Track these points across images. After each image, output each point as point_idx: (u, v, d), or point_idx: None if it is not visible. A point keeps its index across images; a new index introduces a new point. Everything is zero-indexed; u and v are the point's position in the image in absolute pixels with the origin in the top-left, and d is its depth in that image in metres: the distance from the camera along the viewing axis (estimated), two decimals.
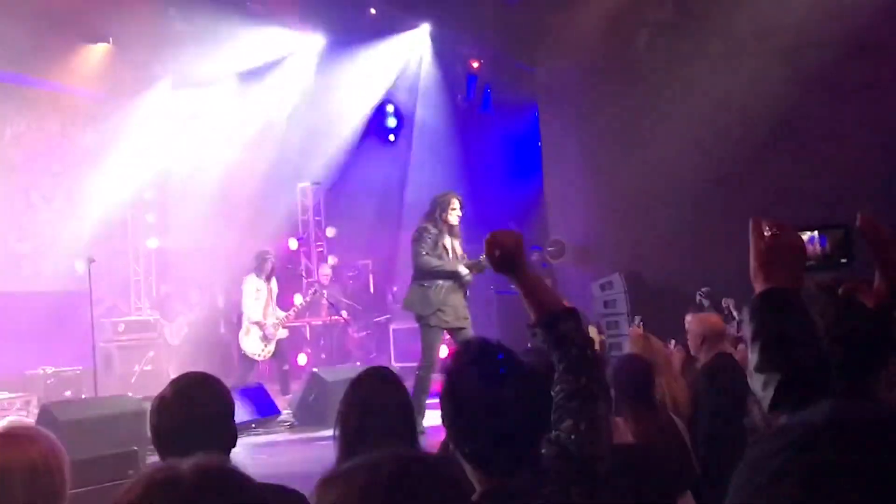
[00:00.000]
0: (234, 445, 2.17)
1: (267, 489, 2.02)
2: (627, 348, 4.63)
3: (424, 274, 7.02)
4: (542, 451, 1.81)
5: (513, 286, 2.11)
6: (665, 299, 9.87)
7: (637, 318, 8.99)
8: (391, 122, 13.77)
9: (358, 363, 9.90)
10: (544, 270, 11.70)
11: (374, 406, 2.30)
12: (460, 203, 7.21)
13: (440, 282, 6.96)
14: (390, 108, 13.67)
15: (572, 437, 1.80)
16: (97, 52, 11.42)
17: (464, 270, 7.06)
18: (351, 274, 12.85)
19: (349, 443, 2.20)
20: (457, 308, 7.00)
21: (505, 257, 2.11)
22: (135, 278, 12.50)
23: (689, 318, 5.07)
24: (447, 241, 7.12)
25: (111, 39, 11.21)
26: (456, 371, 1.84)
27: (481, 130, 13.08)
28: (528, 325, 2.10)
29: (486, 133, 13.13)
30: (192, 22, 10.73)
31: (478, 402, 1.76)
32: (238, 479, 1.21)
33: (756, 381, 1.53)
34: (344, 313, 11.37)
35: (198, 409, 2.10)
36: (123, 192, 12.22)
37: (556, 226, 12.55)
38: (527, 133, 13.39)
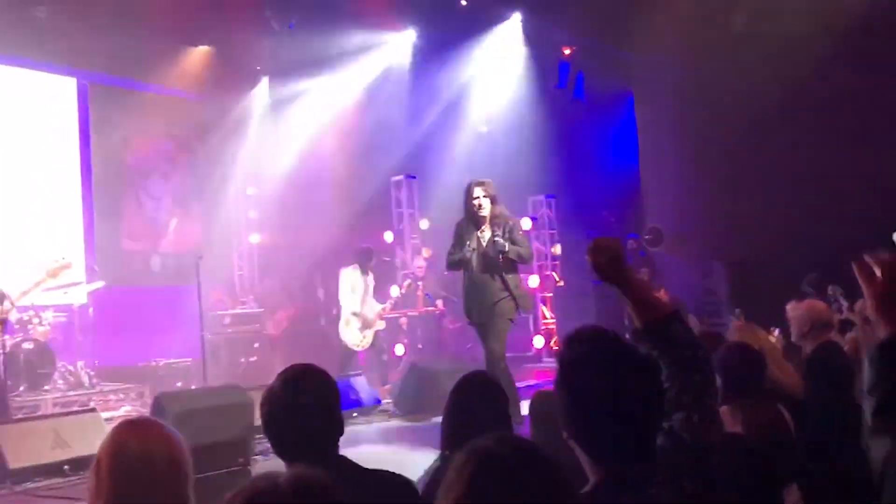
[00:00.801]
0: (341, 434, 2.22)
1: (376, 475, 2.08)
2: (729, 337, 4.53)
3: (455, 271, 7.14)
4: (657, 441, 1.79)
5: (617, 293, 2.07)
6: (765, 287, 9.59)
7: (738, 311, 8.76)
8: (482, 112, 13.78)
9: (454, 353, 9.98)
10: (641, 259, 11.53)
11: (474, 416, 2.33)
12: (483, 190, 6.76)
13: (464, 275, 6.90)
14: (481, 98, 13.68)
15: (686, 428, 1.78)
16: (199, 55, 11.84)
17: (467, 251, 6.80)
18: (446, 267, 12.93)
19: (452, 451, 2.23)
20: (480, 303, 6.76)
21: (611, 264, 2.08)
22: (238, 273, 12.93)
23: (791, 305, 4.91)
24: (473, 232, 6.81)
25: (212, 42, 11.58)
26: (571, 359, 1.81)
27: (574, 118, 12.95)
28: (634, 332, 2.06)
29: (579, 121, 13.00)
30: (288, 21, 10.98)
31: (594, 391, 1.74)
32: (332, 491, 1.26)
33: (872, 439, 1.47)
34: (439, 303, 11.48)
35: (306, 400, 2.17)
36: (226, 190, 12.66)
37: (652, 213, 12.34)
38: (621, 119, 13.19)
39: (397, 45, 12.52)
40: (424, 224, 12.48)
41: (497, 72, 12.84)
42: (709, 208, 11.38)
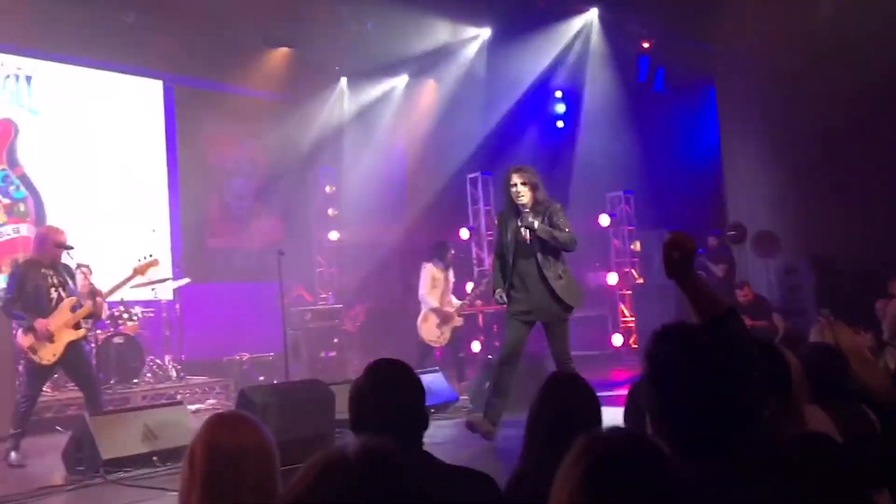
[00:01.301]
0: (426, 428, 2.24)
1: (456, 471, 2.09)
2: (814, 336, 4.39)
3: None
4: (740, 437, 1.77)
5: (681, 289, 2.11)
6: (853, 286, 9.28)
7: (824, 310, 8.49)
8: (560, 108, 13.70)
9: (531, 351, 9.93)
10: (723, 256, 11.28)
11: (563, 418, 2.31)
12: (521, 176, 6.30)
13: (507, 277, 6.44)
14: (558, 94, 13.61)
15: (762, 425, 1.76)
16: (279, 57, 12.08)
17: (498, 293, 6.41)
18: None
19: (539, 452, 2.21)
20: (528, 300, 6.25)
21: (684, 261, 2.11)
22: (318, 269, 13.16)
23: (881, 303, 4.74)
24: (511, 225, 6.32)
25: (292, 44, 11.80)
26: (659, 354, 1.81)
27: (654, 111, 12.74)
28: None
29: (658, 114, 12.78)
30: (366, 21, 11.10)
31: (682, 388, 1.74)
32: (399, 461, 1.28)
33: None
34: None
35: (392, 395, 2.18)
36: (306, 188, 12.89)
37: (735, 209, 12.05)
38: (702, 113, 12.92)
39: (473, 43, 12.54)
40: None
41: (574, 67, 12.73)
42: (794, 204, 11.05)
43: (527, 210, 6.21)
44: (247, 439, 1.95)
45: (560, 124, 13.63)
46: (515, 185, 6.24)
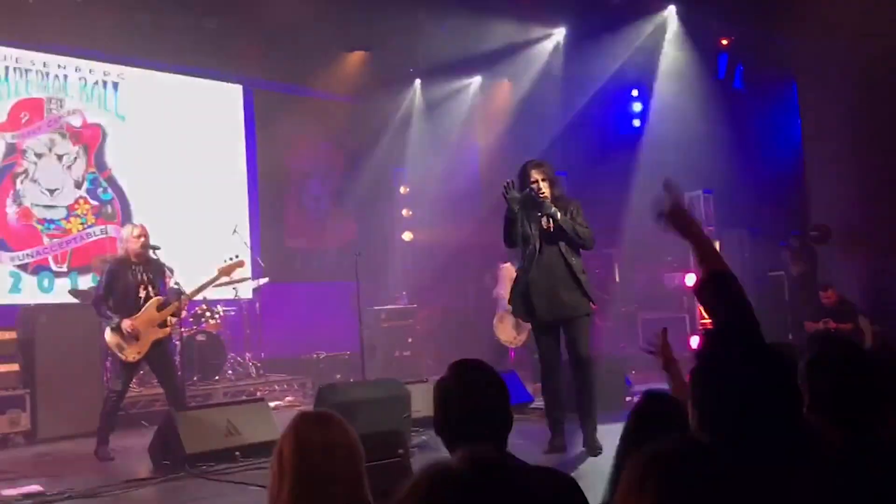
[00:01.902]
0: (510, 429, 2.24)
1: (538, 472, 2.09)
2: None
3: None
4: (789, 437, 1.75)
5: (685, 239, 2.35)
6: None
7: None
8: (636, 107, 13.51)
9: (606, 352, 9.85)
10: (804, 255, 10.96)
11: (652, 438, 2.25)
12: (541, 172, 6.12)
13: (523, 270, 6.22)
14: (635, 93, 13.42)
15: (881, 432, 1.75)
16: (355, 59, 12.24)
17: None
18: (596, 262, 12.78)
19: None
20: (548, 298, 6.03)
21: (674, 212, 2.38)
22: (392, 269, 13.27)
23: None
24: (537, 220, 6.09)
25: (367, 46, 11.94)
26: (709, 355, 1.81)
27: (734, 109, 12.44)
28: (695, 285, 2.36)
29: (738, 112, 12.48)
30: (441, 23, 11.15)
31: (733, 387, 1.73)
32: (509, 468, 1.26)
33: None
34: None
35: (478, 395, 2.19)
36: (381, 189, 13.03)
37: (818, 208, 11.69)
38: (784, 110, 12.58)
39: (548, 42, 12.47)
40: None
41: (651, 65, 12.54)
42: (882, 203, 10.66)
43: (547, 201, 6.05)
44: (335, 436, 2.00)
45: (636, 123, 13.44)
46: (536, 181, 6.08)
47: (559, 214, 5.99)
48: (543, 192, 6.03)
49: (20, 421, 7.68)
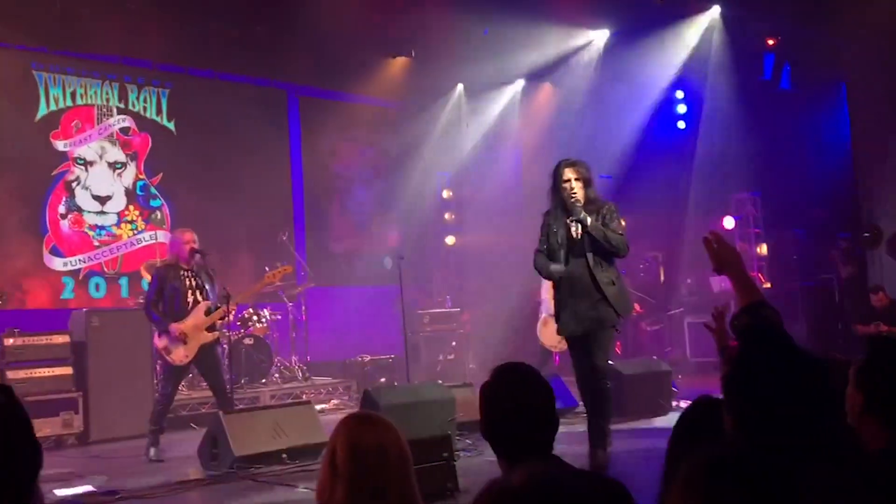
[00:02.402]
0: (555, 434, 2.24)
1: (586, 477, 2.08)
2: None
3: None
4: (824, 441, 1.73)
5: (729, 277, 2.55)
6: None
7: None
8: (680, 109, 13.40)
9: (653, 357, 9.77)
10: (853, 258, 10.76)
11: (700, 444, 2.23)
12: (575, 171, 5.80)
13: (555, 284, 5.88)
14: (679, 94, 13.31)
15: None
16: (398, 65, 12.31)
17: (556, 268, 5.75)
18: (642, 266, 12.70)
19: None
20: (575, 310, 5.73)
21: (724, 252, 2.57)
22: (435, 273, 13.32)
23: None
24: (560, 226, 5.79)
25: (410, 52, 12.01)
26: (741, 359, 1.82)
27: (781, 110, 12.28)
28: (734, 316, 2.41)
29: (786, 112, 12.31)
30: (483, 27, 11.17)
31: (768, 390, 1.73)
32: (567, 485, 1.26)
33: None
34: (636, 306, 11.27)
35: (522, 399, 2.19)
36: (424, 194, 13.08)
37: (870, 210, 11.47)
38: (833, 111, 12.37)
39: (591, 46, 12.41)
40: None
41: (696, 67, 12.42)
42: None
43: (579, 205, 5.72)
44: (387, 438, 2.02)
45: (681, 125, 13.32)
46: (569, 180, 5.75)
47: (589, 220, 5.65)
48: (575, 194, 5.72)
49: (73, 423, 7.86)
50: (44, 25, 9.55)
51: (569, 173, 5.77)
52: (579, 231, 5.68)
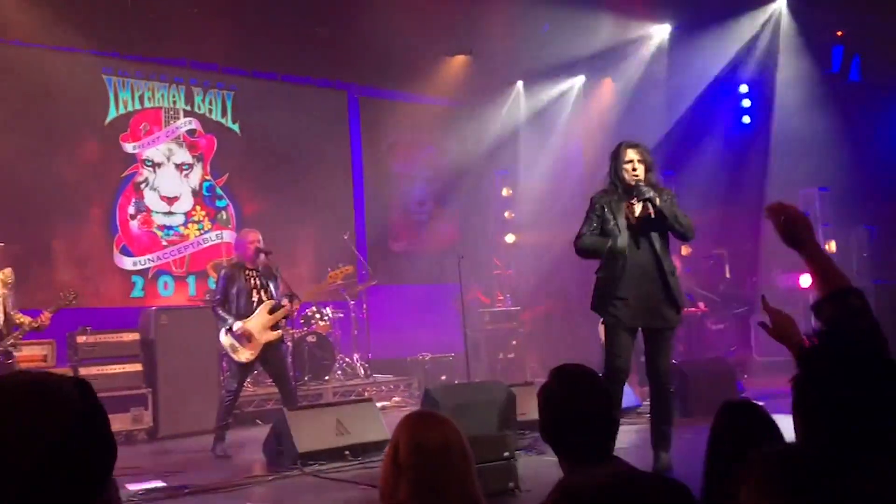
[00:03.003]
0: (615, 434, 2.22)
1: (653, 480, 2.06)
2: None
3: (585, 259, 5.59)
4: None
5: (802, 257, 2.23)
6: None
7: None
8: (745, 103, 13.13)
9: (717, 356, 9.61)
10: None
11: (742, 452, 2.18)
12: (638, 152, 5.45)
13: (609, 266, 5.41)
14: (744, 88, 13.04)
15: None
16: (457, 64, 12.33)
17: (622, 241, 5.30)
18: (706, 263, 12.49)
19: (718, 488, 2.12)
20: (636, 303, 5.32)
21: (794, 226, 2.23)
22: (495, 271, 13.30)
23: None
24: (622, 211, 5.39)
25: (469, 51, 12.01)
26: (815, 360, 1.74)
27: (850, 103, 11.93)
28: (814, 302, 2.15)
29: (856, 105, 11.96)
30: (542, 24, 11.11)
31: (841, 397, 1.67)
32: (634, 486, 1.25)
33: None
34: (700, 304, 11.10)
35: (581, 401, 2.18)
36: (483, 192, 13.08)
37: None
38: None
39: (652, 40, 12.25)
40: None
41: (761, 59, 12.16)
42: None
43: (640, 184, 5.35)
44: (449, 437, 2.04)
45: (746, 119, 13.06)
46: (631, 161, 5.39)
47: (658, 199, 5.29)
48: (638, 175, 5.38)
49: (143, 418, 8.08)
50: (113, 31, 9.83)
51: (631, 154, 5.44)
52: (649, 210, 5.28)
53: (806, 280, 11.82)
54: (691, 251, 12.09)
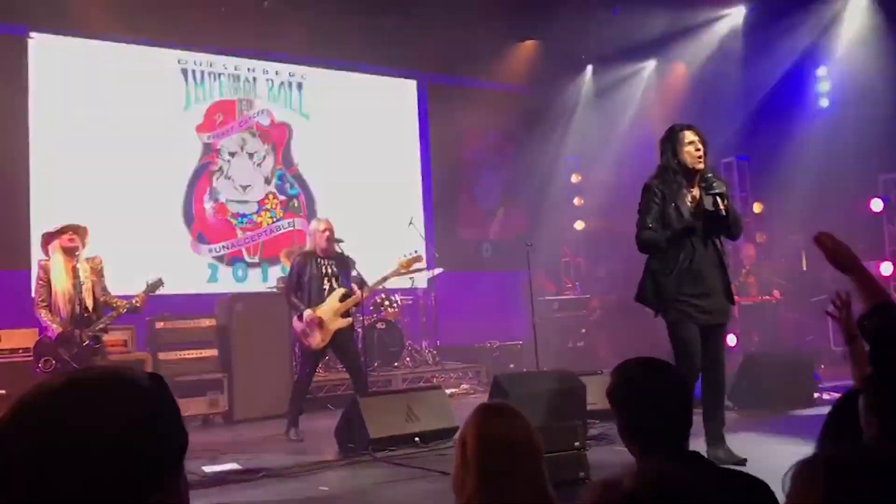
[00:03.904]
0: (689, 429, 2.17)
1: (729, 475, 2.04)
2: None
3: (649, 254, 5.27)
4: None
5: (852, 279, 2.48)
6: None
7: None
8: (824, 87, 12.72)
9: (792, 346, 9.39)
10: None
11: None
12: (698, 134, 5.16)
13: (669, 259, 5.14)
14: (822, 72, 12.63)
15: None
16: (526, 49, 12.26)
17: (691, 228, 5.06)
18: (781, 252, 12.19)
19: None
20: (700, 295, 5.13)
21: (835, 254, 2.57)
22: (563, 259, 13.22)
23: None
24: (682, 196, 5.15)
25: (538, 36, 11.92)
26: (887, 358, 1.73)
27: None
28: (861, 317, 2.32)
29: None
30: (613, 7, 10.96)
31: None
32: (686, 483, 1.23)
33: None
34: (776, 293, 10.85)
35: (654, 395, 2.14)
36: (552, 178, 12.99)
37: None
38: None
39: (726, 22, 11.97)
40: (758, 208, 11.84)
41: (839, 42, 11.76)
42: None
43: (709, 176, 5.12)
44: (516, 431, 2.04)
45: (824, 103, 12.66)
46: (693, 142, 5.12)
47: (727, 199, 5.07)
48: (702, 157, 5.13)
49: (219, 402, 8.30)
50: (189, 24, 10.07)
51: (691, 135, 5.15)
52: (720, 206, 5.01)
53: (887, 268, 11.45)
54: (766, 238, 11.82)
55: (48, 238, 6.48)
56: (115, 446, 0.96)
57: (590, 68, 13.14)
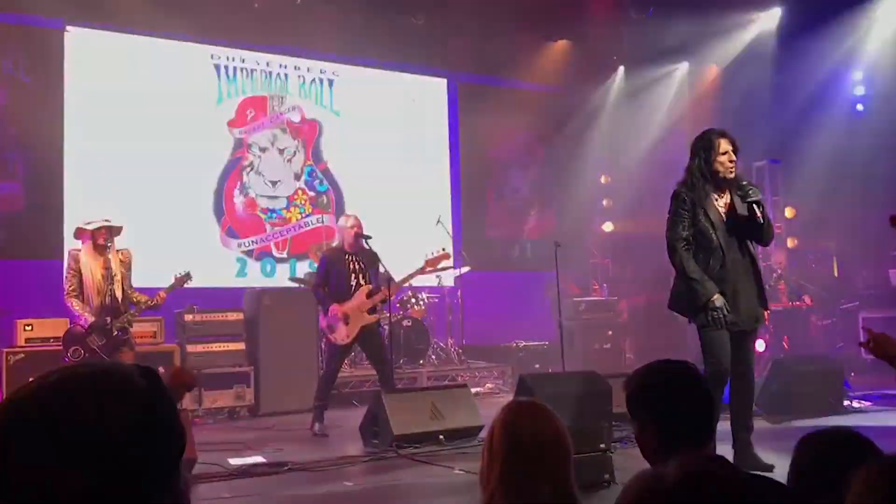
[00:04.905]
0: (713, 432, 2.15)
1: (752, 480, 2.01)
2: None
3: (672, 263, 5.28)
4: None
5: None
6: None
7: None
8: (859, 91, 12.55)
9: (823, 352, 9.27)
10: None
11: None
12: (732, 143, 5.15)
13: (702, 267, 5.11)
14: (858, 76, 12.47)
15: None
16: (558, 49, 12.21)
17: (711, 291, 4.99)
18: (813, 257, 12.06)
19: None
20: (733, 303, 5.08)
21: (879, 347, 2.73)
22: (591, 260, 13.15)
23: None
24: (714, 203, 5.13)
25: (570, 36, 11.88)
26: None
27: None
28: None
29: None
30: (647, 9, 10.89)
31: None
32: (722, 480, 1.22)
33: None
34: (806, 298, 10.73)
35: (677, 397, 2.12)
36: (581, 179, 12.93)
37: None
38: None
39: (760, 25, 11.84)
40: (790, 212, 11.71)
41: (876, 46, 11.60)
42: None
43: (744, 182, 5.10)
44: (544, 429, 2.04)
45: (860, 108, 12.49)
46: (727, 152, 5.09)
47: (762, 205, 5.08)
48: (734, 168, 5.12)
49: (245, 395, 8.36)
50: (221, 20, 10.15)
51: (726, 145, 5.13)
52: (757, 214, 5.01)
53: None
54: (797, 243, 11.69)
55: (82, 235, 6.59)
56: (110, 441, 0.94)
57: (621, 69, 13.07)
